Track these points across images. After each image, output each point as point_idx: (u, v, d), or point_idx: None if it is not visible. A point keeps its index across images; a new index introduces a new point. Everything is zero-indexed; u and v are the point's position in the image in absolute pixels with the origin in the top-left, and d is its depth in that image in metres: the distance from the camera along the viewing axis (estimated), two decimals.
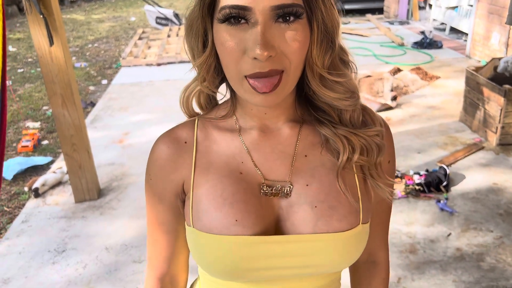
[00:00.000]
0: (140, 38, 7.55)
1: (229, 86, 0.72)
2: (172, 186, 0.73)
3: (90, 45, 7.99)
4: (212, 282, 0.75)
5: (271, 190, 0.69)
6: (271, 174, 0.70)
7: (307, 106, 0.72)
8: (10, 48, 7.74)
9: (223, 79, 0.70)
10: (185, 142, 0.72)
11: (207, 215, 0.68)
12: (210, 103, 0.76)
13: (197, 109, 0.77)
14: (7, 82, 2.20)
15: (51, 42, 2.45)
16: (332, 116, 0.70)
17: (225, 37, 0.60)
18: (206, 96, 0.74)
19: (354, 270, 0.86)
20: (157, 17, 8.20)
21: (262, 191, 0.69)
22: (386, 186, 0.72)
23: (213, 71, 0.67)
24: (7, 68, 6.17)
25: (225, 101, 0.75)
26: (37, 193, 3.03)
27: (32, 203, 2.99)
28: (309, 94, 0.69)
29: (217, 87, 0.71)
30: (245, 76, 0.60)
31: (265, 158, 0.70)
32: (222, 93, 0.74)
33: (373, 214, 0.77)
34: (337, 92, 0.66)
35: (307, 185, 0.69)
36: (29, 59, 7.09)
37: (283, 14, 0.58)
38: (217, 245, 0.67)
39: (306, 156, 0.71)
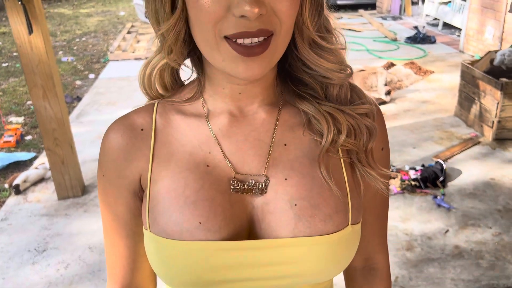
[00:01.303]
0: (129, 32, 7.40)
1: (196, 62, 0.60)
2: (128, 182, 0.61)
3: (77, 40, 7.82)
4: None
5: (243, 185, 0.58)
6: (244, 167, 0.59)
7: (288, 84, 0.62)
8: None
9: (189, 53, 0.58)
10: (142, 130, 0.61)
11: (165, 216, 0.57)
12: (176, 83, 0.64)
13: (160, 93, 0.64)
14: None
15: (30, 30, 2.32)
16: (317, 91, 0.60)
17: None
18: (171, 73, 0.62)
19: (349, 278, 0.74)
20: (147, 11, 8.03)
21: (232, 187, 0.58)
22: (380, 177, 0.61)
23: (182, 40, 0.55)
24: None
25: (191, 82, 0.64)
26: (18, 190, 2.90)
27: (12, 201, 2.86)
28: (293, 67, 0.60)
29: (184, 58, 0.59)
30: (226, 38, 0.49)
31: (237, 148, 0.59)
32: (189, 67, 0.62)
33: (366, 212, 0.66)
34: (329, 61, 0.56)
35: (285, 179, 0.58)
36: (15, 53, 6.90)
37: None
38: (177, 253, 0.56)
39: (285, 145, 0.60)
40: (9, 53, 6.98)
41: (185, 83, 0.65)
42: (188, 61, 0.62)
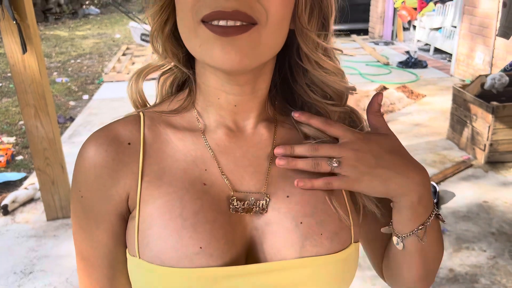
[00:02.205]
0: (124, 54, 7.45)
1: (188, 72, 0.58)
2: (113, 203, 0.55)
3: (72, 61, 7.85)
4: None
5: (243, 205, 0.54)
6: (242, 185, 0.55)
7: (283, 104, 0.61)
8: None
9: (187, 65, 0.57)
10: (129, 144, 0.55)
11: (160, 241, 0.51)
12: (170, 92, 0.61)
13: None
14: None
15: (24, 50, 2.32)
16: (320, 114, 0.59)
17: None
18: (171, 82, 0.60)
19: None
20: (142, 34, 8.10)
21: (231, 206, 0.53)
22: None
23: (170, 33, 0.54)
24: None
25: (180, 92, 0.60)
26: (6, 211, 2.85)
27: (0, 221, 2.80)
28: (298, 89, 0.59)
29: (180, 62, 0.57)
30: (202, 21, 0.47)
31: (235, 165, 0.56)
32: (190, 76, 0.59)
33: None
34: (331, 70, 0.55)
35: (287, 196, 0.55)
36: (8, 74, 6.90)
37: None
38: (174, 282, 0.51)
39: None
40: (3, 73, 6.98)
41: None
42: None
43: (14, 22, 2.27)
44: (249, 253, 0.54)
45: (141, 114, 0.58)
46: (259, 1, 0.47)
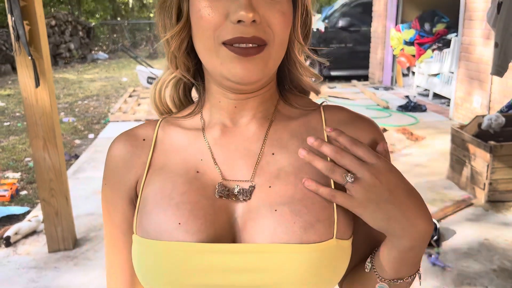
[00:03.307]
0: (130, 96, 7.64)
1: (198, 80, 0.66)
2: (126, 188, 0.64)
3: (80, 102, 8.04)
4: None
5: (227, 191, 0.60)
6: (232, 174, 0.62)
7: (286, 101, 0.68)
8: (0, 103, 7.75)
9: (195, 75, 0.66)
10: (143, 140, 0.66)
11: (149, 217, 0.59)
12: (188, 101, 0.70)
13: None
14: None
15: (37, 83, 2.43)
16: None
17: (204, 2, 0.56)
18: (183, 90, 0.68)
19: None
20: (149, 77, 8.35)
21: (217, 191, 0.60)
22: None
23: (185, 51, 0.62)
24: None
25: (194, 103, 0.70)
26: (8, 242, 2.86)
27: (1, 253, 2.81)
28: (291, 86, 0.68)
29: (189, 73, 0.65)
30: (224, 44, 0.56)
31: (228, 156, 0.63)
32: (195, 82, 0.68)
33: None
34: (312, 70, 0.67)
35: (269, 186, 0.60)
36: (17, 114, 7.07)
37: None
38: (155, 253, 0.57)
39: (273, 154, 0.63)
40: (11, 113, 7.14)
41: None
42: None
43: (30, 57, 2.39)
44: (233, 238, 0.59)
45: (160, 119, 0.68)
46: (269, 26, 0.56)
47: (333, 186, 0.61)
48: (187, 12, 0.59)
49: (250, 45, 0.55)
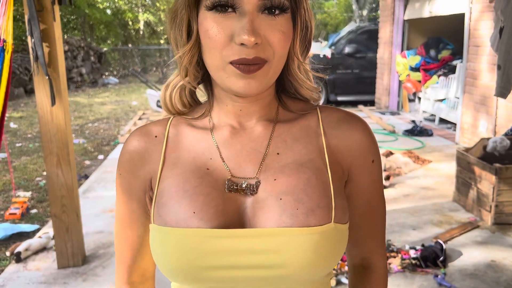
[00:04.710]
0: (140, 119, 7.78)
1: (207, 86, 0.73)
2: (140, 181, 0.71)
3: (90, 124, 8.19)
4: None
5: (236, 186, 0.66)
6: (239, 171, 0.68)
7: (285, 106, 0.74)
8: (12, 125, 7.90)
9: (202, 78, 0.72)
10: (156, 136, 0.72)
11: (166, 208, 0.66)
12: (195, 102, 0.76)
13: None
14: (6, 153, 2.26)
15: (53, 102, 2.53)
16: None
17: (211, 23, 0.62)
18: (189, 93, 0.74)
19: (350, 275, 0.82)
20: (158, 101, 8.51)
21: (226, 186, 0.66)
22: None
23: (196, 63, 0.68)
24: (7, 143, 6.25)
25: (203, 103, 0.76)
26: (18, 258, 2.91)
27: (12, 268, 2.85)
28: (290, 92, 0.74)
29: (198, 83, 0.72)
30: (230, 63, 0.62)
31: (235, 155, 0.69)
32: (202, 90, 0.75)
33: (360, 217, 0.75)
34: (311, 82, 0.72)
35: (275, 179, 0.67)
36: (29, 135, 7.21)
37: (269, 7, 0.62)
38: (173, 239, 0.64)
39: (278, 154, 0.69)
40: (23, 134, 7.28)
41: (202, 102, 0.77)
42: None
43: (47, 77, 2.50)
44: (241, 225, 0.65)
45: (171, 117, 0.75)
46: (270, 44, 0.62)
47: (331, 182, 0.68)
48: (197, 30, 0.65)
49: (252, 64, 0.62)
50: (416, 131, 6.51)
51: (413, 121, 6.93)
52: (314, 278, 0.66)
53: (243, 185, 0.66)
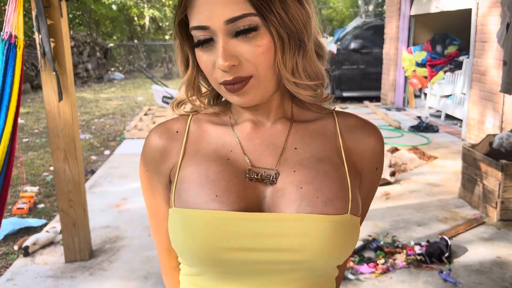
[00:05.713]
0: (145, 114, 7.80)
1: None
2: (163, 175, 0.75)
3: (96, 120, 8.23)
4: (189, 283, 0.74)
5: (256, 175, 0.70)
6: (259, 163, 0.72)
7: (300, 106, 0.76)
8: (19, 120, 7.95)
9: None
10: (177, 132, 0.75)
11: (188, 191, 0.69)
12: (217, 99, 0.80)
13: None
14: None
15: (60, 98, 2.54)
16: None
17: (200, 57, 0.68)
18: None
19: None
20: (164, 96, 8.53)
21: (247, 175, 0.70)
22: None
23: (198, 83, 0.75)
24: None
25: (220, 103, 0.80)
26: (26, 252, 2.94)
27: (20, 262, 2.89)
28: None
29: (199, 94, 0.77)
30: (220, 83, 0.67)
31: (255, 148, 0.73)
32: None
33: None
34: (309, 90, 0.69)
35: (294, 171, 0.70)
36: (35, 130, 7.26)
37: (239, 31, 0.63)
38: (195, 220, 0.66)
39: (296, 148, 0.73)
40: (30, 130, 7.34)
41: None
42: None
43: (54, 73, 2.51)
44: (261, 211, 0.68)
45: (191, 115, 0.79)
46: (249, 61, 0.64)
47: (347, 173, 0.71)
48: (193, 59, 0.71)
49: (235, 84, 0.66)
50: (422, 127, 6.49)
51: (419, 117, 6.90)
52: (327, 265, 0.68)
53: (263, 175, 0.70)
